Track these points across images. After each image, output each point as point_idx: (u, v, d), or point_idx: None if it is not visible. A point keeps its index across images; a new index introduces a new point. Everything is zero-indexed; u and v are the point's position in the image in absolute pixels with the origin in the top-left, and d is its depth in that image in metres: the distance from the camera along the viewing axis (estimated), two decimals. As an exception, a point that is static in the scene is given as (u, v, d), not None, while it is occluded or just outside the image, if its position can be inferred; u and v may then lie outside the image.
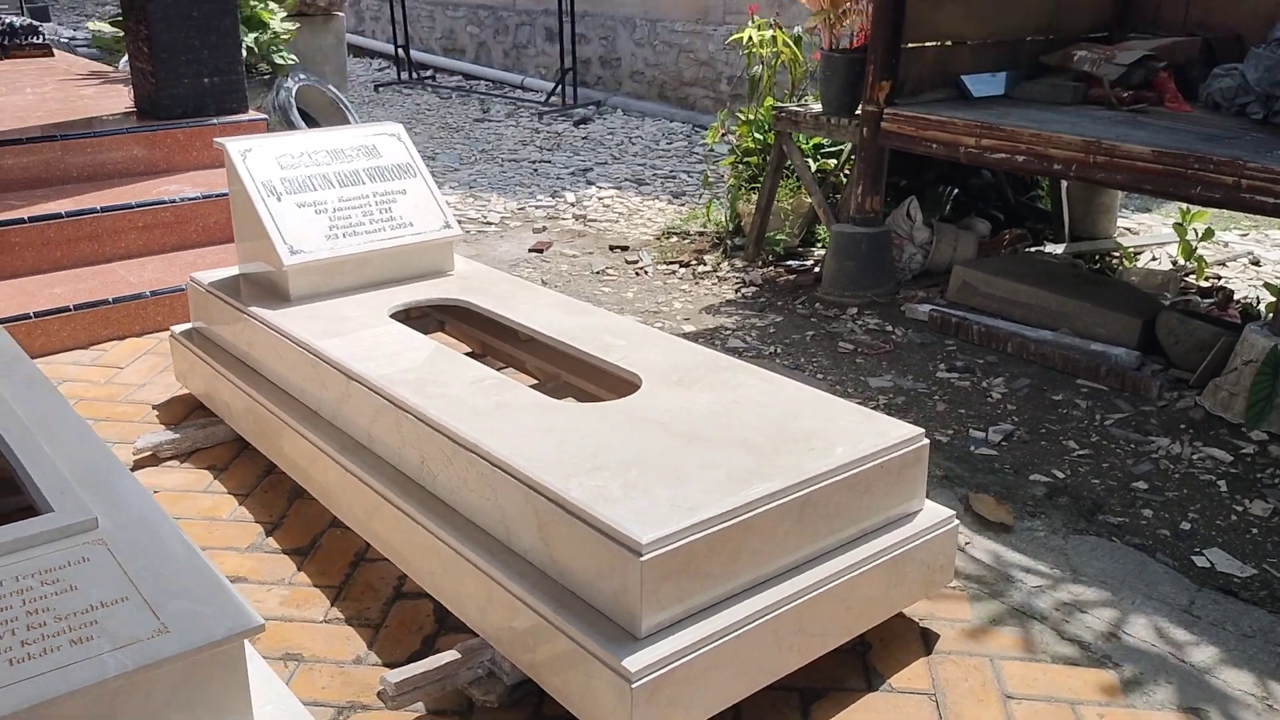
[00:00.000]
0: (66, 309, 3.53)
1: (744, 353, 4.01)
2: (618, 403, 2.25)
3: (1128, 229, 5.67)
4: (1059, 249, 5.16)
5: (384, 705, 1.96)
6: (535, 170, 7.24)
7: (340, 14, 7.10)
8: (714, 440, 2.08)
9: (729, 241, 5.28)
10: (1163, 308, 3.88)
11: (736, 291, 4.74)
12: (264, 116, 4.68)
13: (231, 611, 1.56)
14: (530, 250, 5.42)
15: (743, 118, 5.35)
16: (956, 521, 2.21)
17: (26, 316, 3.46)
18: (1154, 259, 5.18)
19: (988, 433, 3.32)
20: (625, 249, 5.45)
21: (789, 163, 4.94)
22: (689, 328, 4.30)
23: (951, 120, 4.13)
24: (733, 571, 1.87)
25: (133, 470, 2.83)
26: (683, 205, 6.28)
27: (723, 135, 5.66)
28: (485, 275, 3.09)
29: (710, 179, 5.94)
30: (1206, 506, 2.89)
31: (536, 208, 6.29)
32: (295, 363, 2.63)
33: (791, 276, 4.83)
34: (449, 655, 2.01)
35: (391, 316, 2.77)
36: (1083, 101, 4.47)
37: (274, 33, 5.65)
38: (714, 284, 4.87)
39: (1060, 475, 3.06)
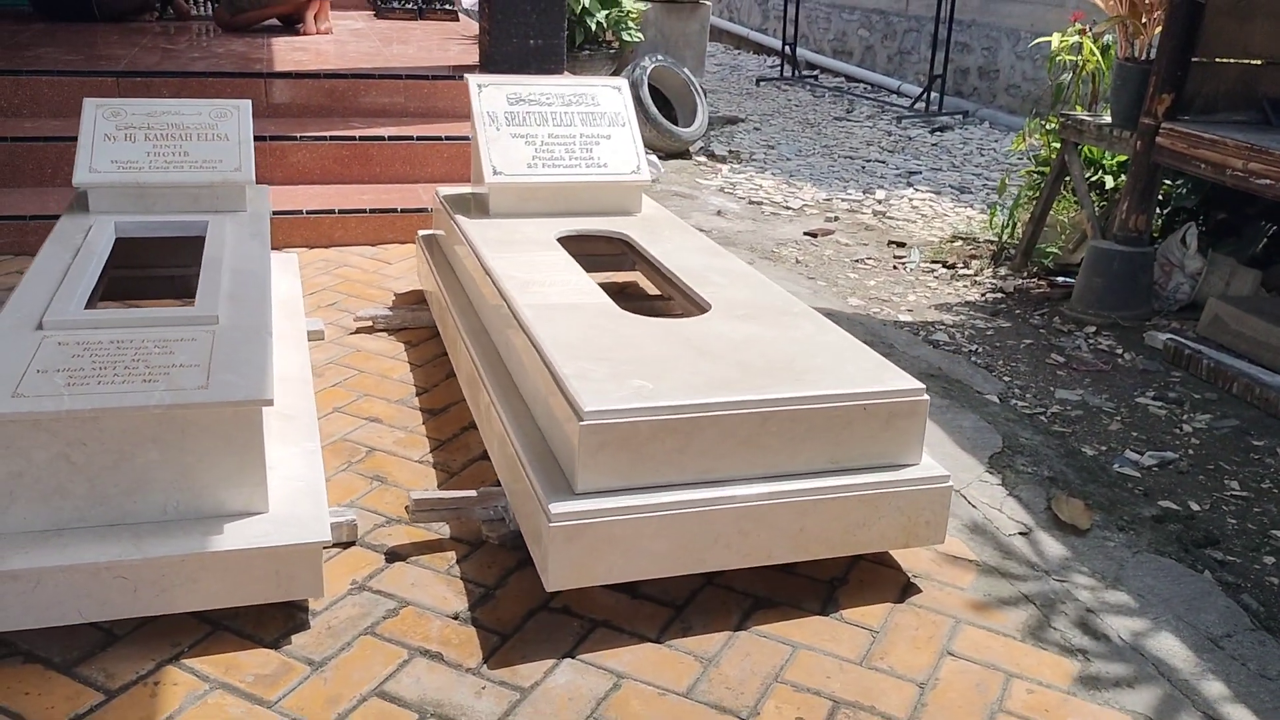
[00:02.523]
0: (363, 211, 4.32)
1: (942, 345, 4.02)
2: (668, 320, 2.52)
3: None
4: (1389, 310, 4.56)
5: (409, 518, 2.40)
6: (863, 168, 7.38)
7: (707, 3, 7.64)
8: (722, 359, 2.29)
9: (1004, 250, 5.19)
10: None
11: (982, 296, 4.69)
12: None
13: (256, 388, 2.05)
14: (805, 234, 5.64)
15: (1047, 127, 5.22)
16: (950, 484, 2.25)
17: (331, 212, 4.28)
18: None
19: (1144, 455, 3.16)
20: (902, 245, 5.52)
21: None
22: (905, 317, 4.36)
23: (1223, 141, 3.86)
24: (680, 461, 2.10)
25: (351, 334, 3.49)
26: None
27: (1028, 143, 5.54)
28: (660, 218, 3.43)
29: (1006, 186, 5.81)
30: (1347, 569, 2.61)
31: (842, 200, 6.46)
32: (466, 259, 3.13)
33: (1047, 289, 4.70)
34: (469, 493, 2.40)
35: (560, 240, 3.19)
36: None
37: (625, 10, 6.28)
38: (965, 286, 4.84)
39: (1195, 507, 2.88)
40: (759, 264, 4.97)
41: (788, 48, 10.76)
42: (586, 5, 6.19)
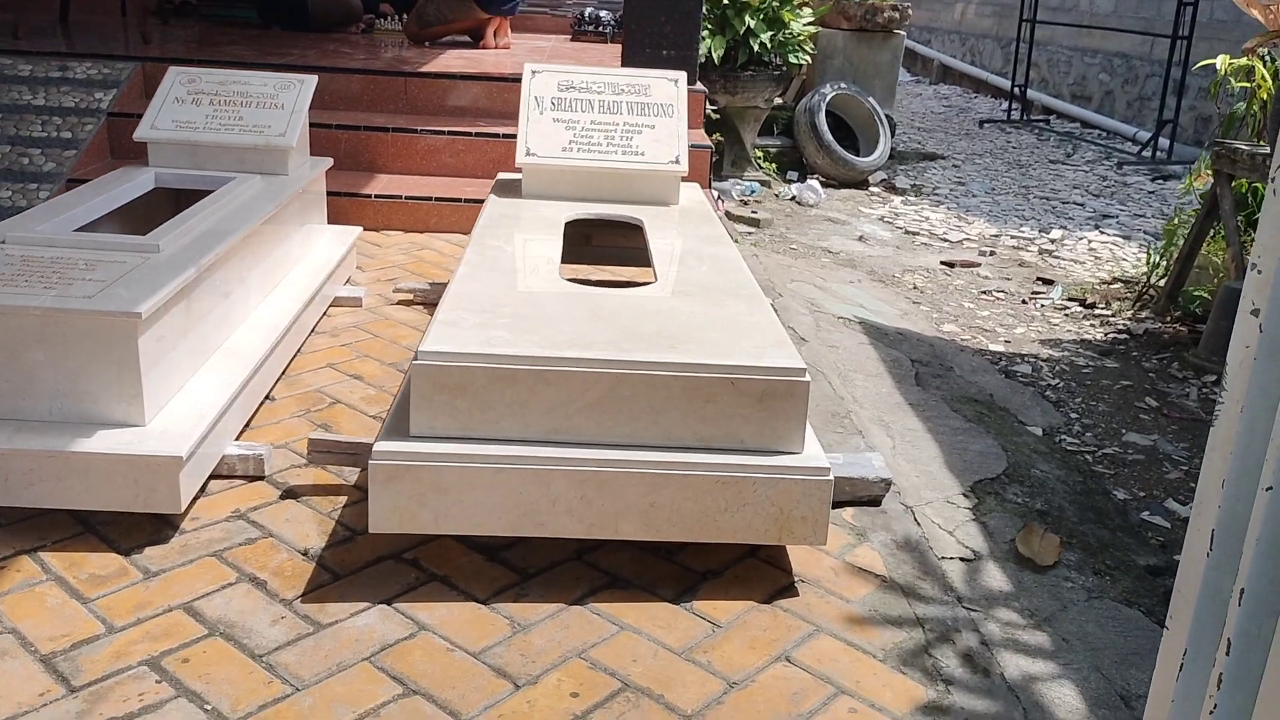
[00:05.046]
0: (459, 200, 4.45)
1: (1017, 376, 3.66)
2: (594, 289, 2.43)
3: None
4: None
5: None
6: (1053, 209, 6.88)
7: (900, 33, 7.40)
8: (614, 324, 2.18)
9: (1149, 291, 4.67)
10: None
11: (1105, 336, 4.24)
12: (703, 89, 5.23)
13: (136, 304, 2.15)
14: (942, 263, 5.31)
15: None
16: (831, 478, 2.03)
17: (429, 199, 4.45)
18: None
19: (1186, 506, 2.73)
20: (1050, 283, 5.09)
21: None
22: (996, 347, 4.00)
23: (1374, 166, 3.30)
24: (524, 416, 2.00)
25: (391, 305, 3.59)
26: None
27: (1203, 179, 4.97)
28: (694, 211, 3.31)
29: (1175, 227, 5.22)
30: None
31: (1011, 238, 6.05)
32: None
33: (1183, 333, 4.18)
34: (364, 439, 2.40)
35: (577, 223, 3.15)
36: None
37: (793, 33, 6.18)
38: (1090, 324, 4.40)
39: (1220, 567, 2.45)
40: (865, 283, 4.72)
41: (1017, 89, 10.23)
42: (751, 27, 6.13)
